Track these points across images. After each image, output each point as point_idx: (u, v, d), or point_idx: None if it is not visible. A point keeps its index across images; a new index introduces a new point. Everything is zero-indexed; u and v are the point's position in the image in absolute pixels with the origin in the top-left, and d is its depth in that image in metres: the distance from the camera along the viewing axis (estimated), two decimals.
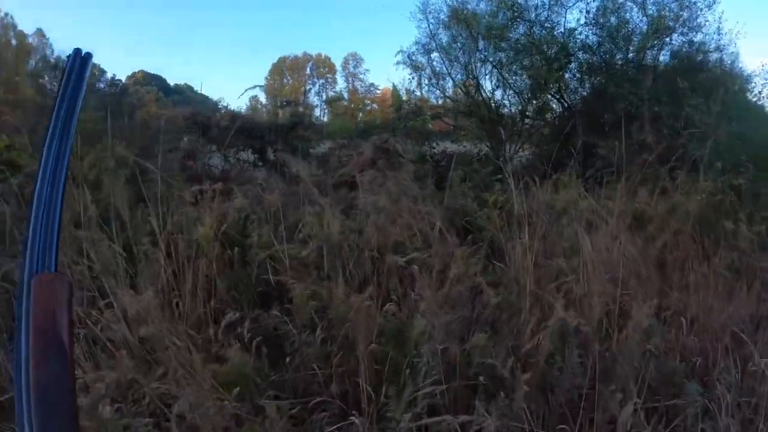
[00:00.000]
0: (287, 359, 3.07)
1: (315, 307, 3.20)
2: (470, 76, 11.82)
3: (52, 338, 0.81)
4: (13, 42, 32.10)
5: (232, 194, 5.58)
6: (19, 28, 32.46)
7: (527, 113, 11.33)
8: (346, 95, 45.54)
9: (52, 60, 34.24)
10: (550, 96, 10.95)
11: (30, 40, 33.18)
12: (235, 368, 2.78)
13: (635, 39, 10.24)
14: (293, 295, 3.15)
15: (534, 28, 10.58)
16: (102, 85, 36.28)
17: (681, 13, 10.16)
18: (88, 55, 0.94)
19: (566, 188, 6.20)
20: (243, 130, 9.86)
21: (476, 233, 4.94)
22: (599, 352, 2.83)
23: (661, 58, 10.54)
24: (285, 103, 11.87)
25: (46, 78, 34.43)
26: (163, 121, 11.15)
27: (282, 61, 47.19)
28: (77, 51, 0.94)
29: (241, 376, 2.77)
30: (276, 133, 9.68)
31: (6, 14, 31.58)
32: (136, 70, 40.55)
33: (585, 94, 10.72)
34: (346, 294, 3.11)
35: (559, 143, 8.58)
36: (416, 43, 12.44)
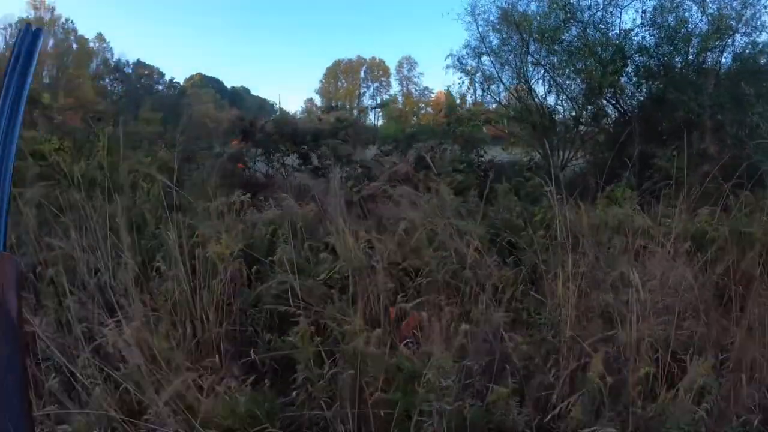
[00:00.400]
0: (294, 393, 2.84)
1: (321, 343, 2.94)
2: (522, 80, 11.44)
3: (1, 319, 0.80)
4: (74, 46, 33.39)
5: (266, 204, 5.42)
6: (80, 33, 33.81)
7: (581, 119, 10.86)
8: (400, 99, 45.73)
9: (113, 63, 35.66)
10: (605, 101, 10.47)
11: (91, 44, 34.60)
12: (227, 405, 2.56)
13: (695, 40, 9.62)
14: (298, 329, 2.89)
15: (588, 29, 10.12)
16: (161, 87, 37.54)
17: (743, 11, 9.51)
18: (38, 31, 0.92)
19: (620, 203, 5.82)
20: (287, 135, 9.76)
21: (520, 253, 4.61)
22: (642, 413, 2.49)
23: (723, 60, 9.92)
24: (331, 107, 11.65)
25: (107, 80, 35.87)
26: (209, 125, 11.19)
27: (337, 64, 47.67)
28: (27, 27, 0.92)
29: (233, 413, 2.55)
30: (320, 138, 9.49)
31: (66, 19, 32.89)
32: (194, 73, 41.59)
33: (642, 99, 10.20)
34: (360, 327, 2.85)
35: (614, 152, 8.14)
36: (466, 45, 12.12)
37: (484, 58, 12.01)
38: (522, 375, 2.72)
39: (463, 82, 12.42)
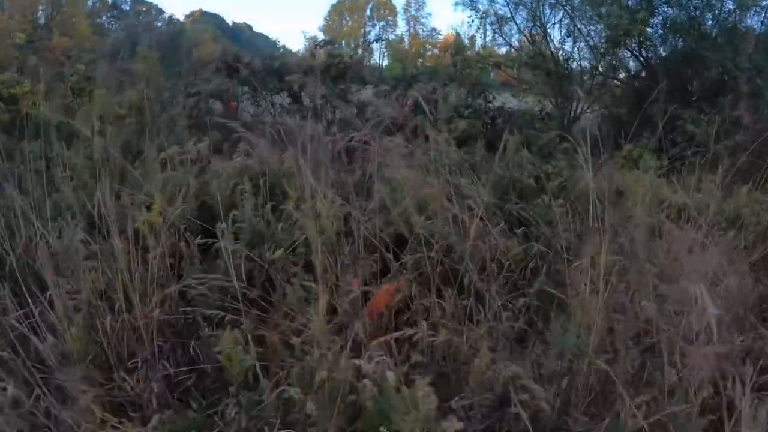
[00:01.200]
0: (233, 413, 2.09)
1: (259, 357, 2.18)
2: (537, 23, 10.49)
3: None
4: None
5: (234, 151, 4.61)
6: None
7: (600, 69, 9.95)
8: (406, 39, 44.49)
9: (109, 0, 34.54)
10: (628, 52, 9.59)
11: None
12: None
13: None
14: (223, 340, 2.11)
15: None
16: (159, 24, 36.37)
17: None
18: None
19: (644, 168, 5.04)
20: (276, 72, 8.92)
21: (531, 226, 3.83)
22: None
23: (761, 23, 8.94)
24: (324, 41, 10.69)
25: (104, 18, 34.78)
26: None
27: (341, 2, 46.03)
28: None
29: None
30: (311, 76, 8.60)
31: None
32: (195, 9, 40.35)
33: (669, 54, 9.33)
34: (323, 335, 2.10)
35: (636, 108, 7.33)
36: None
37: None
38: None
39: (472, 20, 11.43)
